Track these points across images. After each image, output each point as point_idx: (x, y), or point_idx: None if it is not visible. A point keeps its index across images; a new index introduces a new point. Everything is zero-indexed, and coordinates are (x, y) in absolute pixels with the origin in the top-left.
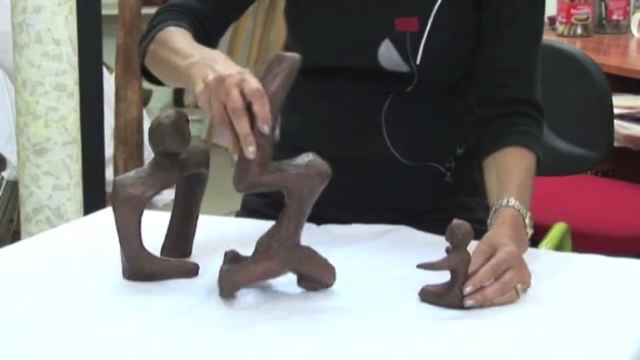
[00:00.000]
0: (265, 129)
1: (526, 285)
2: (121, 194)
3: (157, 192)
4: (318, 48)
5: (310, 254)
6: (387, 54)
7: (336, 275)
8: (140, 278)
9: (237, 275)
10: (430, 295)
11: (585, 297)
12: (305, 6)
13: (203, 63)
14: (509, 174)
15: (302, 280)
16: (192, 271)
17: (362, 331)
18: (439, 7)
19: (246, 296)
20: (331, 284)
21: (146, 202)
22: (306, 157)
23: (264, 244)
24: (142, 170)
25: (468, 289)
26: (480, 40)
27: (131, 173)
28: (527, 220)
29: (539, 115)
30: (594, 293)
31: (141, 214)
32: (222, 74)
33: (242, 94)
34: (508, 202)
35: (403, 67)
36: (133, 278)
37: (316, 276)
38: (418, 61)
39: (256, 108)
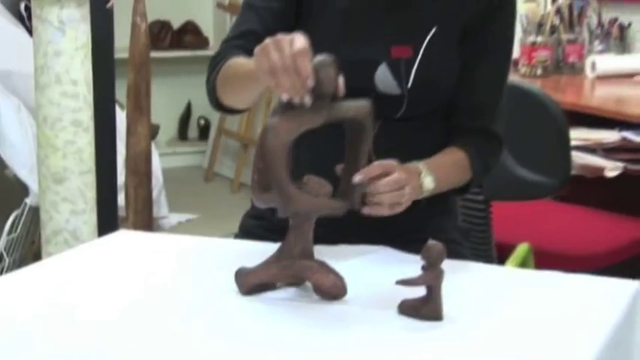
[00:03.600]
0: (308, 82)
1: (413, 190)
2: (269, 133)
3: (304, 130)
4: None
5: (319, 267)
6: (383, 77)
7: (345, 289)
8: (290, 214)
9: (251, 275)
10: (408, 308)
11: (546, 310)
12: (308, 29)
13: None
14: (434, 156)
15: (316, 290)
16: (339, 207)
17: (347, 340)
18: (430, 38)
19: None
20: (340, 297)
21: (292, 139)
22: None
23: (276, 254)
24: (289, 111)
25: (358, 178)
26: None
27: (277, 117)
28: (423, 177)
29: (496, 144)
30: (554, 307)
31: (287, 151)
32: (276, 39)
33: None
34: (412, 163)
35: (396, 90)
36: (283, 215)
37: (320, 287)
38: (409, 85)
39: (298, 63)
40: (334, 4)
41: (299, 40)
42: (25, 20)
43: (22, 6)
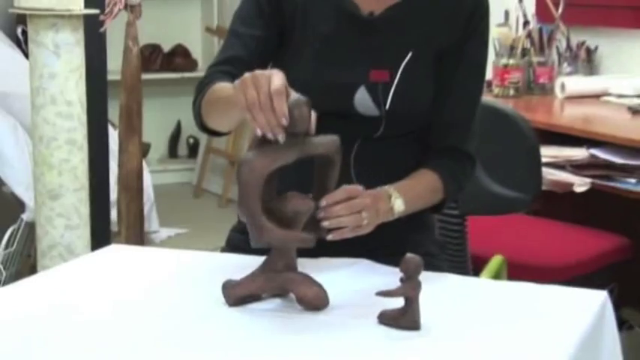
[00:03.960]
0: (283, 121)
1: (370, 216)
2: (244, 167)
3: (278, 166)
4: (299, 90)
5: (303, 280)
6: (362, 99)
7: (328, 300)
8: (264, 245)
9: (237, 287)
10: (387, 318)
11: (518, 319)
12: (291, 54)
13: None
14: (405, 179)
15: (299, 301)
16: (308, 240)
17: (329, 349)
18: (407, 62)
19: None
20: (322, 307)
21: (266, 174)
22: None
23: (261, 267)
24: (266, 148)
25: (323, 203)
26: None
27: (253, 152)
28: (393, 200)
29: (468, 163)
30: (526, 316)
31: (261, 185)
32: (255, 74)
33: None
34: (383, 187)
35: (374, 112)
36: (256, 245)
37: (303, 298)
38: (387, 107)
39: (275, 102)
40: (316, 30)
41: (277, 79)
42: (22, 44)
43: (19, 30)
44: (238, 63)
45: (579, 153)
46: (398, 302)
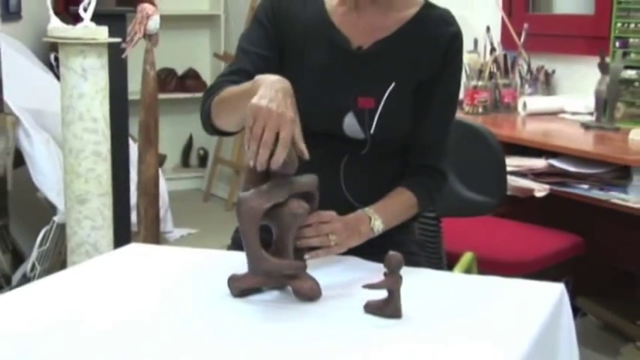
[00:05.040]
0: (273, 166)
1: (340, 238)
2: (243, 206)
3: (271, 204)
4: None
5: (298, 274)
6: (350, 124)
7: (320, 292)
8: (260, 273)
9: (241, 281)
10: (372, 308)
11: (486, 308)
12: (288, 75)
13: (266, 85)
14: (385, 199)
15: (296, 293)
16: (300, 266)
17: (321, 335)
18: (390, 92)
19: (242, 305)
20: (315, 299)
21: (262, 212)
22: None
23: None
24: (261, 188)
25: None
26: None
27: (250, 191)
28: (373, 221)
29: (440, 178)
30: (493, 305)
31: (258, 221)
32: (272, 109)
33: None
34: (365, 210)
35: (360, 135)
36: (254, 272)
37: (299, 290)
38: (372, 131)
39: (277, 151)
40: (311, 59)
41: (287, 128)
42: (54, 68)
43: (52, 56)
44: (245, 75)
45: (539, 163)
46: (382, 294)
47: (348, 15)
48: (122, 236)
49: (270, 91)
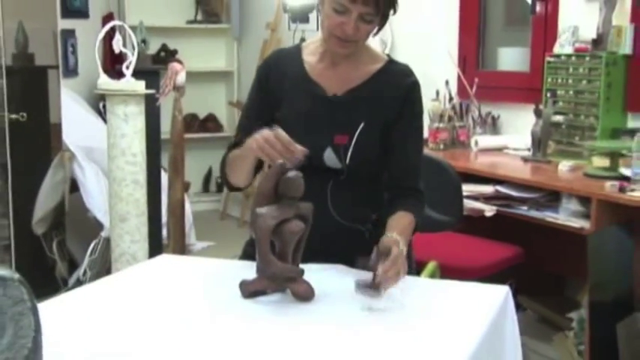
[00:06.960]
0: (300, 155)
1: (404, 270)
2: (259, 221)
3: (280, 222)
4: None
5: (296, 278)
6: (329, 157)
7: (314, 293)
8: (268, 276)
9: (250, 285)
10: (362, 284)
11: (446, 306)
12: (277, 121)
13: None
14: (396, 223)
15: (294, 295)
16: (300, 271)
17: (316, 328)
18: (360, 130)
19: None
20: (310, 299)
21: (274, 225)
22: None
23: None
24: (272, 207)
25: (379, 271)
26: (387, 151)
27: (265, 208)
28: (401, 244)
29: (421, 197)
30: (452, 303)
31: (270, 232)
32: (262, 136)
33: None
34: (391, 235)
35: (338, 165)
36: (263, 274)
37: (297, 292)
38: (347, 162)
39: (290, 149)
40: (294, 107)
41: (280, 136)
42: (103, 114)
43: (101, 104)
44: (247, 134)
45: (488, 189)
46: (369, 277)
47: (326, 69)
48: (155, 248)
49: (254, 136)
